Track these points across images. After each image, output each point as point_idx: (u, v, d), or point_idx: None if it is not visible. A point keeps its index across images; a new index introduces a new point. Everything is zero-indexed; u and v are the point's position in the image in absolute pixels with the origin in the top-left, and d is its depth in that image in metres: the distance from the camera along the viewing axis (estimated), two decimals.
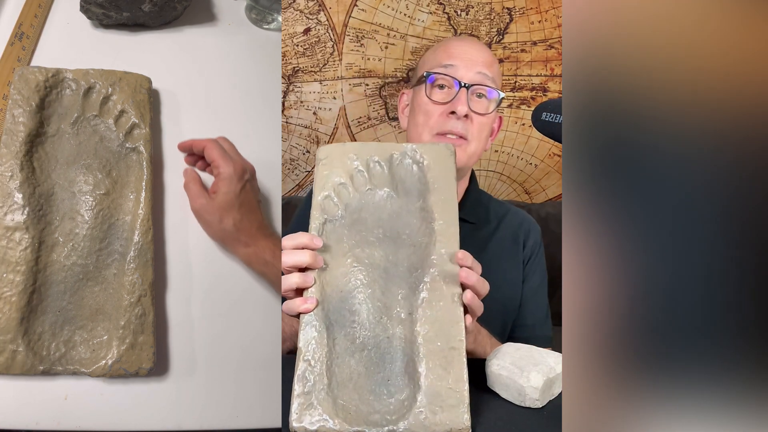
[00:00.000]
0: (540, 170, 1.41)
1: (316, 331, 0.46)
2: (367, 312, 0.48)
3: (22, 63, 0.70)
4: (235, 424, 0.58)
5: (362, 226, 0.51)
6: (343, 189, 0.52)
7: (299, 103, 1.45)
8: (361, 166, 0.53)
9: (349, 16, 1.37)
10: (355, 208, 0.52)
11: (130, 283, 0.58)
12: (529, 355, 0.52)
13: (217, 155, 0.64)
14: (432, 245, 0.49)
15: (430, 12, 1.33)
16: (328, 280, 0.49)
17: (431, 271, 0.48)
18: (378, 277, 0.49)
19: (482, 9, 1.32)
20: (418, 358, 0.45)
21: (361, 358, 0.46)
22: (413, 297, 0.48)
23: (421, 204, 0.52)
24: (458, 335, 0.46)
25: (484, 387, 0.53)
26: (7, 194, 0.58)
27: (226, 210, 0.61)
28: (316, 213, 0.51)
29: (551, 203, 1.39)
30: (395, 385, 0.45)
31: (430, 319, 0.47)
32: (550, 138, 0.68)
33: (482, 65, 0.74)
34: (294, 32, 1.39)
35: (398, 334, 0.47)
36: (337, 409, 0.43)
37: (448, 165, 0.53)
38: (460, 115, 0.71)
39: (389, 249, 0.50)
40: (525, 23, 1.32)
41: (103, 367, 0.55)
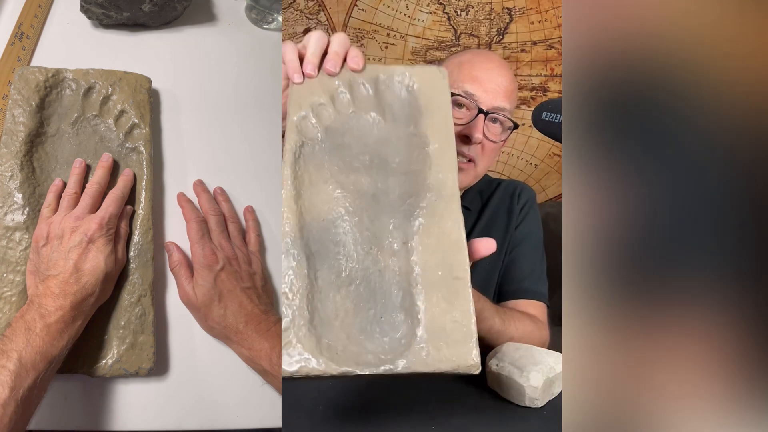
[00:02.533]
0: (540, 170, 1.41)
1: (294, 260, 0.41)
2: (354, 243, 0.43)
3: (22, 63, 0.70)
4: (235, 424, 0.58)
5: (346, 151, 0.46)
6: (323, 110, 0.47)
7: None
8: (343, 87, 0.47)
9: (349, 16, 1.37)
10: (337, 132, 0.46)
11: (130, 283, 0.58)
12: (529, 355, 0.52)
13: (192, 238, 0.60)
14: (428, 170, 0.45)
15: (430, 12, 1.33)
16: (307, 206, 0.43)
17: (428, 195, 0.43)
18: (366, 204, 0.44)
19: (482, 9, 1.32)
20: (417, 290, 0.40)
21: (348, 293, 0.41)
22: (408, 225, 0.43)
23: (412, 130, 0.47)
24: (463, 264, 0.41)
25: (484, 387, 0.53)
26: (7, 194, 0.58)
27: (206, 304, 0.56)
28: (291, 135, 0.45)
29: (551, 203, 1.39)
30: (389, 323, 0.40)
31: (429, 247, 0.42)
32: (550, 138, 0.68)
33: (503, 96, 0.74)
34: (294, 32, 1.39)
35: (391, 266, 0.42)
36: (322, 348, 0.38)
37: (441, 88, 0.48)
38: (475, 142, 0.73)
39: (378, 176, 0.45)
40: (525, 23, 1.32)
41: (103, 367, 0.55)
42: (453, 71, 0.77)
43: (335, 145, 0.46)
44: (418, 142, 0.46)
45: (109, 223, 0.56)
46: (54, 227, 0.55)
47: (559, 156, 1.40)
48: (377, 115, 0.47)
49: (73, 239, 0.53)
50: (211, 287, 0.56)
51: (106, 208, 0.57)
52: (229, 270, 0.58)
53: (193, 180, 0.67)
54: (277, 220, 0.69)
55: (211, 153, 0.71)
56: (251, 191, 0.69)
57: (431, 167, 0.44)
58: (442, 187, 0.44)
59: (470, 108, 0.73)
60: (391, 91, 0.48)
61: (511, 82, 0.76)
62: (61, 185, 0.60)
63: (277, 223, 0.69)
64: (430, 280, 0.41)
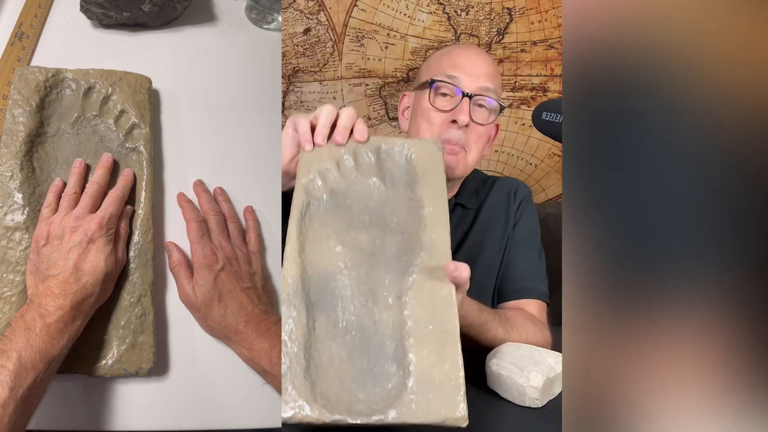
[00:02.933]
0: (540, 170, 1.41)
1: (295, 309, 0.43)
2: (352, 295, 0.45)
3: (22, 63, 0.70)
4: (235, 424, 0.58)
5: (348, 211, 0.50)
6: (329, 174, 0.51)
7: (299, 103, 1.45)
8: (348, 155, 0.52)
9: (349, 16, 1.37)
10: (340, 194, 0.51)
11: (130, 283, 0.58)
12: (529, 355, 0.52)
13: (192, 238, 0.60)
14: (422, 231, 0.48)
15: (430, 12, 1.33)
16: (310, 260, 0.46)
17: (422, 254, 0.47)
18: (364, 260, 0.47)
19: (482, 9, 1.32)
20: (409, 342, 0.42)
21: (343, 342, 0.43)
22: (402, 281, 0.46)
23: (410, 194, 0.51)
24: (452, 318, 0.43)
25: (484, 387, 0.53)
26: (7, 194, 0.58)
27: (206, 304, 0.56)
28: (299, 195, 0.49)
29: (551, 203, 1.39)
30: (382, 373, 0.42)
31: (422, 302, 0.44)
32: (550, 138, 0.68)
33: (485, 77, 0.74)
34: (294, 32, 1.39)
35: (385, 319, 0.44)
36: (316, 395, 0.40)
37: (436, 158, 0.53)
38: (461, 125, 0.72)
39: (376, 234, 0.49)
40: (525, 23, 1.32)
41: (103, 367, 0.55)
42: (433, 65, 0.78)
43: (338, 205, 0.50)
44: (414, 205, 0.50)
45: (109, 223, 0.56)
46: (54, 227, 0.55)
47: (559, 156, 1.40)
48: (378, 180, 0.52)
49: (73, 239, 0.53)
50: (211, 287, 0.56)
51: (106, 208, 0.57)
52: (229, 270, 0.58)
53: (193, 180, 0.67)
54: (276, 220, 0.69)
55: (211, 153, 0.71)
56: (251, 191, 0.69)
57: (425, 228, 0.48)
58: (435, 246, 0.47)
59: (454, 95, 0.74)
60: (391, 160, 0.52)
61: (491, 67, 0.77)
62: (61, 185, 0.60)
63: (276, 222, 0.69)
64: (422, 334, 0.43)
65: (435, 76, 0.75)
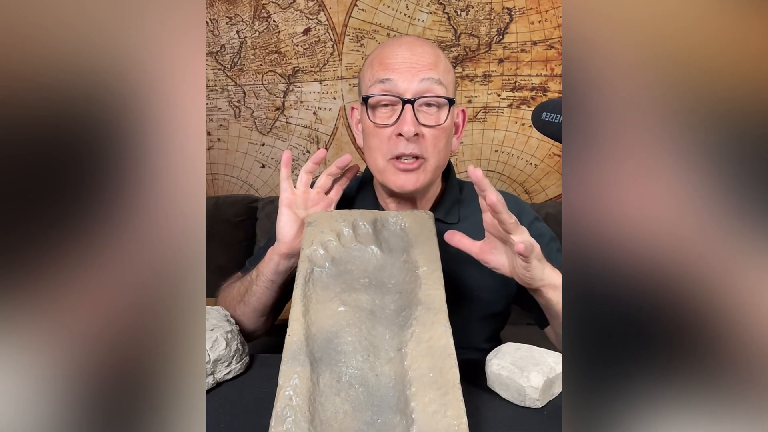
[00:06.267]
0: (540, 170, 1.41)
1: (299, 364, 0.45)
2: (354, 351, 0.47)
3: None
4: None
5: (348, 275, 0.54)
6: (330, 244, 0.56)
7: (299, 103, 1.45)
8: (347, 227, 0.58)
9: (349, 16, 1.37)
10: (341, 261, 0.55)
11: None
12: (529, 355, 0.52)
13: None
14: (418, 288, 0.51)
15: (430, 12, 1.33)
16: (313, 320, 0.49)
17: (419, 308, 0.49)
18: (365, 318, 0.50)
19: (482, 9, 1.32)
20: (411, 391, 0.43)
21: (347, 396, 0.44)
22: (402, 334, 0.48)
23: (405, 257, 0.55)
24: (452, 366, 0.44)
25: (484, 387, 0.53)
26: None
27: None
28: (303, 263, 0.54)
29: (551, 203, 1.39)
30: (386, 424, 0.43)
31: (421, 352, 0.46)
32: (550, 138, 0.68)
33: (425, 70, 0.65)
34: (294, 32, 1.39)
35: (387, 371, 0.46)
36: None
37: (428, 226, 0.58)
38: (408, 136, 0.64)
39: (375, 294, 0.52)
40: (525, 23, 1.32)
41: None
42: (366, 74, 0.70)
43: (340, 271, 0.55)
44: (409, 267, 0.54)
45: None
46: None
47: (559, 156, 1.40)
48: (376, 248, 0.57)
49: None
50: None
51: None
52: None
53: None
54: None
55: None
56: None
57: (421, 285, 0.51)
58: (431, 301, 0.50)
59: (393, 103, 0.66)
60: (387, 229, 0.59)
61: (430, 55, 0.67)
62: None
63: None
64: (423, 382, 0.44)
65: (369, 87, 0.68)
